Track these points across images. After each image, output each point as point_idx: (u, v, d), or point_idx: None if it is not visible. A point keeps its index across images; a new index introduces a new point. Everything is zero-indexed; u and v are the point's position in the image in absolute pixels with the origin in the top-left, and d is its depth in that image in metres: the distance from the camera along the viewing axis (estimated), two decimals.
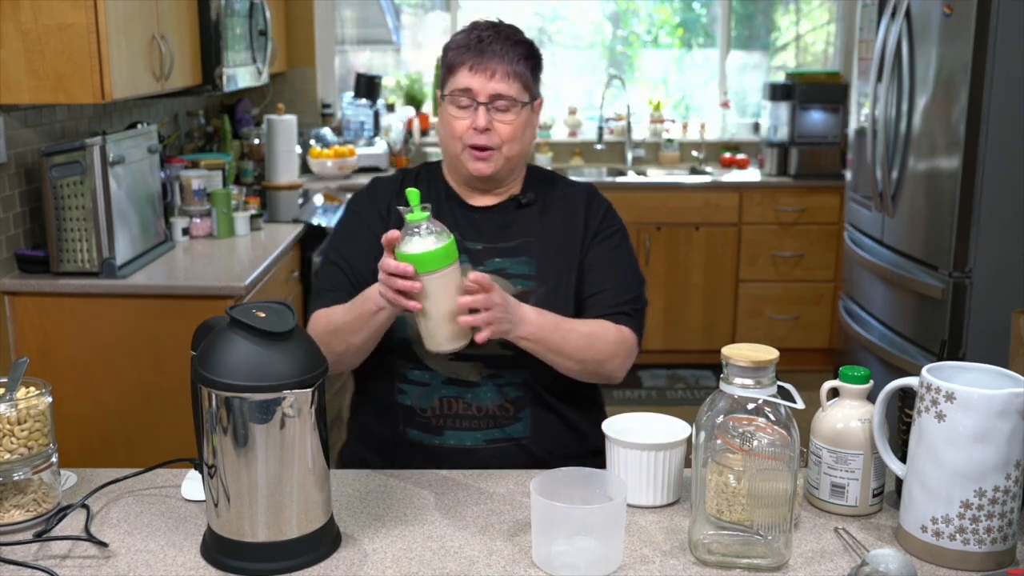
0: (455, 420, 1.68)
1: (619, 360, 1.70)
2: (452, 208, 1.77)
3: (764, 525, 1.27)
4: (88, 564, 1.29)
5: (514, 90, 1.67)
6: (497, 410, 1.68)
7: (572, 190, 1.81)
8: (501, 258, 1.73)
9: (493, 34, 1.69)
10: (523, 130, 1.71)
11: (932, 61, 3.12)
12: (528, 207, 1.77)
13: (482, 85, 1.66)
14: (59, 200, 2.72)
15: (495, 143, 1.68)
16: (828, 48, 5.41)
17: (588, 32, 5.48)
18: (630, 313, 1.73)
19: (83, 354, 2.74)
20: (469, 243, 1.73)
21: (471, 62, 1.67)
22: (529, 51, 1.71)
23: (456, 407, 1.68)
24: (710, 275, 4.69)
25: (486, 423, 1.69)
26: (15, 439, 1.36)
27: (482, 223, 1.76)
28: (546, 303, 1.68)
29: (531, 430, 1.69)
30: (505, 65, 1.67)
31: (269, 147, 4.34)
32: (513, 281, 1.70)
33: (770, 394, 1.26)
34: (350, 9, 5.41)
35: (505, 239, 1.74)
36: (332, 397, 3.95)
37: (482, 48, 1.67)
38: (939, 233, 3.09)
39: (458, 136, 1.69)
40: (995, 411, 1.22)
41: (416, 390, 1.69)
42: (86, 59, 2.58)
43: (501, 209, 1.77)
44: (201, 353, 1.27)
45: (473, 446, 1.68)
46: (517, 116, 1.68)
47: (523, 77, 1.68)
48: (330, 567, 1.29)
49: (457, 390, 1.68)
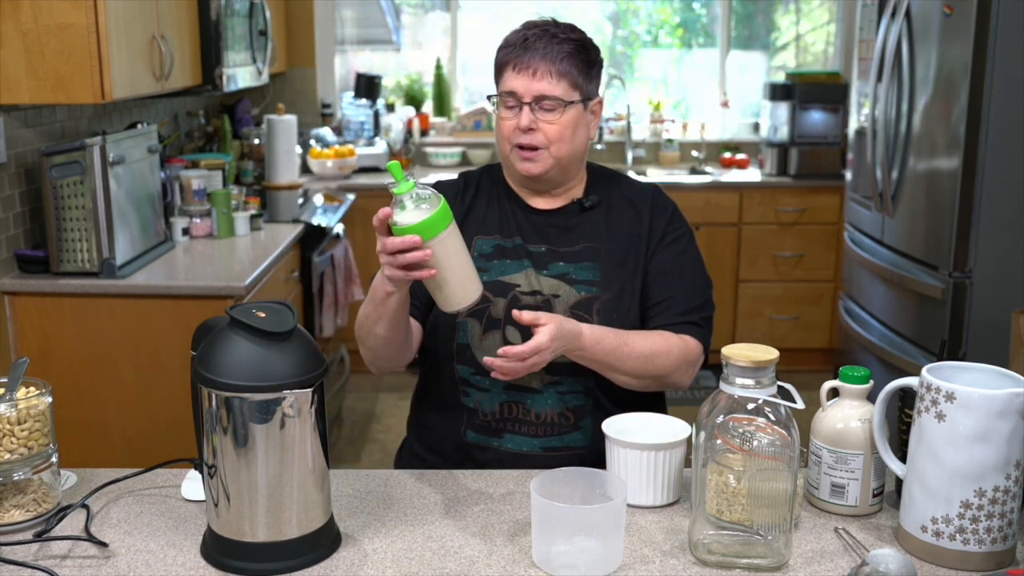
0: (515, 424, 1.67)
1: (682, 372, 1.68)
2: (514, 210, 1.76)
3: (764, 525, 1.27)
4: (88, 564, 1.29)
5: (559, 89, 1.64)
6: (556, 418, 1.67)
7: (637, 191, 1.78)
8: (565, 263, 1.71)
9: (540, 32, 1.66)
10: (572, 130, 1.67)
11: (932, 61, 3.12)
12: (592, 210, 1.75)
13: (526, 86, 1.64)
14: (59, 200, 2.72)
15: (541, 143, 1.66)
16: (828, 48, 5.41)
17: (588, 32, 5.47)
18: (696, 323, 1.71)
19: (83, 354, 2.74)
20: (532, 246, 1.72)
21: (514, 61, 1.66)
22: (577, 48, 1.67)
23: (516, 412, 1.67)
24: (710, 275, 4.68)
25: (545, 430, 1.67)
26: (15, 439, 1.36)
27: (545, 226, 1.74)
28: (610, 309, 1.67)
29: (590, 440, 1.67)
30: (548, 64, 1.64)
31: (269, 147, 4.34)
32: (577, 287, 1.68)
33: (770, 394, 1.26)
34: (350, 9, 5.41)
35: (569, 243, 1.72)
36: (332, 397, 3.96)
37: (526, 46, 1.65)
38: (939, 233, 3.09)
39: (506, 137, 1.68)
40: (995, 411, 1.22)
41: (479, 395, 1.69)
42: (86, 59, 2.58)
43: (564, 212, 1.75)
44: (201, 353, 1.27)
45: (530, 452, 1.67)
46: (563, 115, 1.65)
47: (569, 75, 1.65)
48: (330, 567, 1.29)
49: (518, 395, 1.67)
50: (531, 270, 1.69)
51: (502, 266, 1.71)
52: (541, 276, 1.69)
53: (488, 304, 1.67)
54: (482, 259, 1.71)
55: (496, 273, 1.70)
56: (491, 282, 1.68)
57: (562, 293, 1.68)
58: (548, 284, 1.69)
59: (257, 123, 4.74)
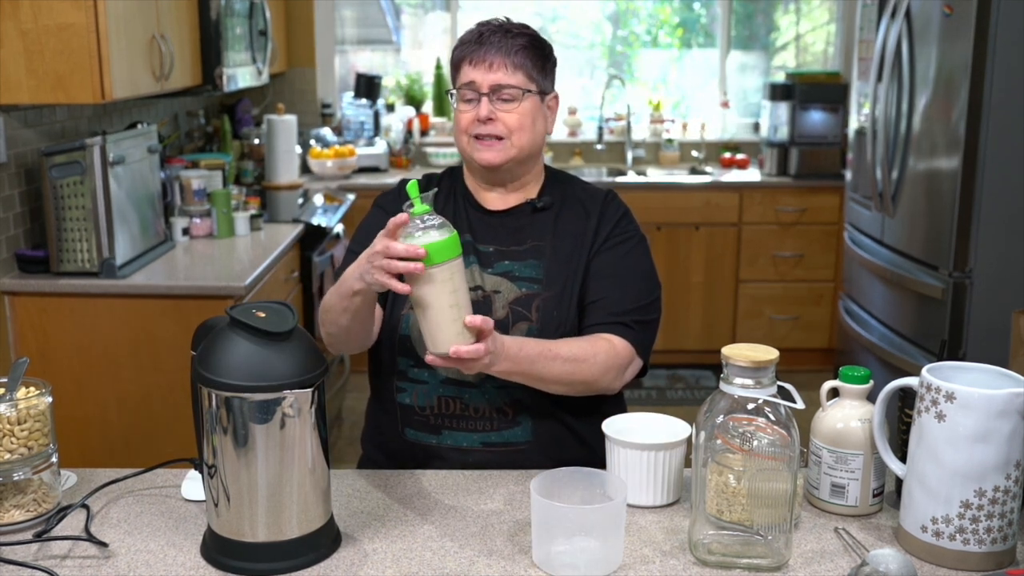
0: (452, 420, 1.67)
1: (610, 377, 1.63)
2: (468, 210, 1.77)
3: (764, 525, 1.27)
4: (88, 564, 1.29)
5: (516, 80, 1.67)
6: (494, 413, 1.67)
7: (590, 194, 1.79)
8: (510, 261, 1.72)
9: (494, 28, 1.70)
10: (532, 120, 1.69)
11: (932, 61, 3.12)
12: (543, 211, 1.76)
13: (482, 76, 1.66)
14: (59, 200, 2.72)
15: (502, 132, 1.67)
16: (828, 48, 5.41)
17: (588, 32, 5.48)
18: (628, 324, 1.66)
19: (83, 354, 2.74)
20: (481, 246, 1.73)
21: (470, 56, 1.68)
22: (531, 42, 1.70)
23: (454, 407, 1.67)
24: (710, 275, 4.69)
25: (483, 425, 1.67)
26: (15, 439, 1.36)
27: (496, 227, 1.75)
28: (550, 307, 1.67)
29: (531, 435, 1.67)
30: (503, 56, 1.66)
31: (269, 147, 4.34)
32: (518, 284, 1.69)
33: (770, 394, 1.26)
34: (350, 9, 5.41)
35: (517, 242, 1.73)
36: (332, 397, 3.95)
37: (481, 41, 1.68)
38: (939, 233, 3.09)
39: (464, 129, 1.70)
40: (995, 411, 1.22)
41: (415, 388, 1.69)
42: (86, 59, 2.58)
43: (516, 213, 1.76)
44: (201, 353, 1.27)
45: (469, 447, 1.67)
46: (521, 105, 1.67)
47: (524, 67, 1.68)
48: (330, 567, 1.29)
49: (455, 389, 1.67)
50: (476, 266, 1.70)
51: None
52: (485, 274, 1.70)
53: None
54: None
55: None
56: None
57: (503, 289, 1.68)
58: (490, 281, 1.69)
59: (257, 123, 4.74)
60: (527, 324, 1.66)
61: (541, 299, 1.68)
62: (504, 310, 1.67)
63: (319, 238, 3.69)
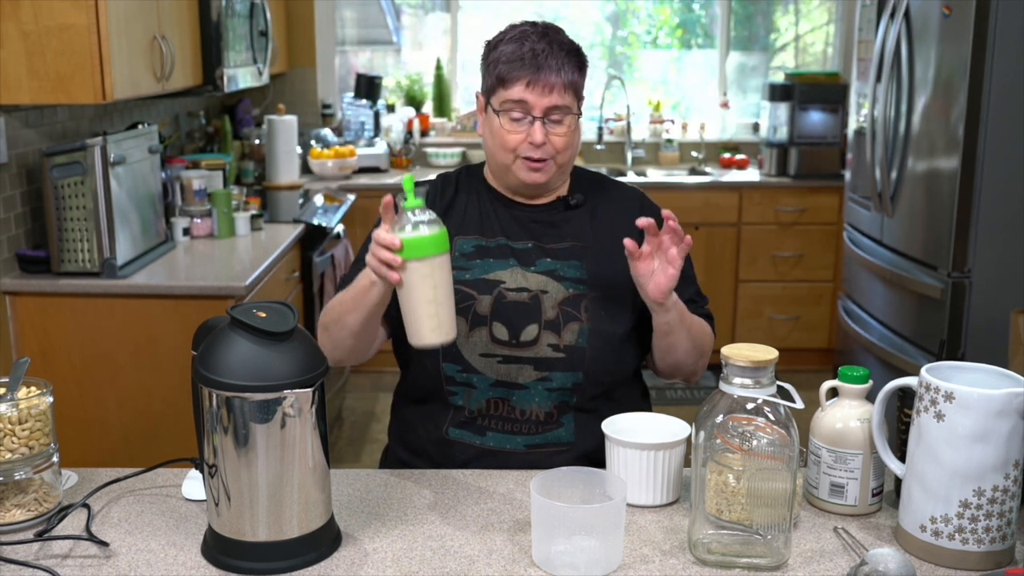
0: (499, 422, 1.66)
1: (707, 356, 1.76)
2: (496, 207, 1.75)
3: (763, 524, 1.28)
4: (89, 563, 1.29)
5: (567, 100, 1.66)
6: (541, 415, 1.66)
7: (623, 194, 1.80)
8: (552, 259, 1.70)
9: (547, 47, 1.65)
10: (574, 137, 1.70)
11: (931, 61, 3.13)
12: (577, 208, 1.75)
13: (537, 99, 1.64)
14: (60, 200, 2.73)
15: (549, 154, 1.67)
16: (827, 48, 5.41)
17: (588, 32, 5.48)
18: (709, 313, 1.79)
19: (84, 354, 2.75)
20: (517, 243, 1.71)
21: (528, 78, 1.64)
22: (580, 59, 1.69)
23: (502, 408, 1.66)
24: (710, 275, 4.69)
25: (528, 427, 1.66)
26: (16, 439, 1.36)
27: (528, 222, 1.73)
28: (598, 308, 1.67)
29: (573, 436, 1.67)
30: (557, 77, 1.64)
31: (269, 147, 4.35)
32: (565, 284, 1.68)
33: (769, 394, 1.27)
34: (350, 9, 5.41)
35: (556, 239, 1.72)
36: (332, 397, 3.96)
37: (538, 64, 1.63)
38: (938, 233, 3.10)
39: (511, 149, 1.67)
40: (994, 411, 1.23)
41: (466, 391, 1.68)
42: (87, 59, 2.58)
43: (549, 209, 1.75)
44: (202, 353, 1.28)
45: (513, 450, 1.66)
46: (569, 126, 1.67)
47: (575, 86, 1.67)
48: (330, 567, 1.29)
49: (505, 391, 1.66)
50: (517, 268, 1.69)
51: (485, 265, 1.70)
52: (528, 273, 1.69)
53: (473, 301, 1.66)
54: (463, 258, 1.70)
55: (479, 271, 1.69)
56: (474, 280, 1.68)
57: (550, 289, 1.67)
58: (536, 280, 1.68)
59: (258, 123, 4.75)
60: (578, 324, 1.66)
61: (589, 300, 1.68)
62: (554, 310, 1.66)
63: (319, 238, 3.69)
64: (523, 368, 1.65)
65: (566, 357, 1.65)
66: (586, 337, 1.66)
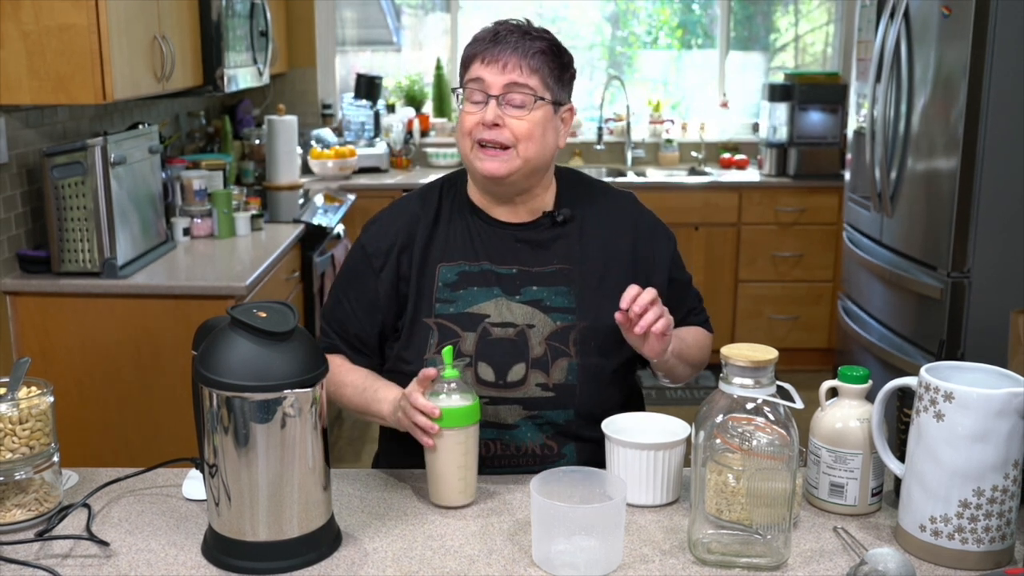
0: (494, 460, 1.60)
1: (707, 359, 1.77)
2: (479, 227, 1.64)
3: (763, 524, 1.28)
4: (89, 563, 1.29)
5: (530, 82, 1.54)
6: (539, 449, 1.60)
7: (614, 201, 1.70)
8: (538, 286, 1.61)
9: (512, 28, 1.58)
10: (542, 130, 1.56)
11: (931, 62, 3.13)
12: (565, 224, 1.65)
13: (494, 77, 1.54)
14: (60, 200, 2.73)
15: (508, 140, 1.54)
16: (827, 49, 5.41)
17: (588, 32, 5.48)
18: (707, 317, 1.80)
19: (84, 354, 2.75)
20: (501, 268, 1.62)
21: (483, 54, 1.56)
22: (550, 47, 1.58)
23: (494, 448, 1.60)
24: (710, 275, 4.69)
25: (528, 461, 1.61)
26: (17, 439, 1.36)
27: (513, 242, 1.63)
28: (587, 338, 1.60)
29: (575, 463, 1.60)
30: (519, 58, 1.54)
31: (270, 147, 4.35)
32: (552, 316, 1.60)
33: (769, 394, 1.27)
34: (350, 10, 5.41)
35: (542, 263, 1.62)
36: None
37: (497, 40, 1.56)
38: (938, 233, 3.10)
39: (467, 132, 1.57)
40: (994, 411, 1.23)
41: None
42: (87, 60, 2.58)
43: (535, 227, 1.64)
44: (202, 353, 1.28)
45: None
46: (532, 112, 1.54)
47: (540, 73, 1.55)
48: (331, 566, 1.29)
49: (496, 432, 1.59)
50: (501, 298, 1.60)
51: (469, 295, 1.60)
52: (512, 303, 1.60)
53: (457, 339, 1.58)
54: (447, 289, 1.61)
55: (463, 304, 1.60)
56: (458, 314, 1.60)
57: (536, 323, 1.59)
58: (521, 312, 1.60)
59: (258, 124, 4.75)
60: (567, 360, 1.60)
61: (577, 331, 1.60)
62: (542, 347, 1.59)
63: (320, 238, 3.69)
64: (512, 408, 1.59)
65: (555, 396, 1.59)
66: (575, 373, 1.59)
